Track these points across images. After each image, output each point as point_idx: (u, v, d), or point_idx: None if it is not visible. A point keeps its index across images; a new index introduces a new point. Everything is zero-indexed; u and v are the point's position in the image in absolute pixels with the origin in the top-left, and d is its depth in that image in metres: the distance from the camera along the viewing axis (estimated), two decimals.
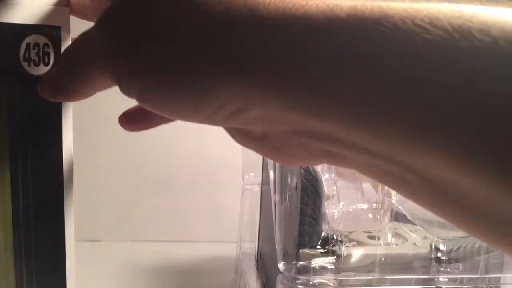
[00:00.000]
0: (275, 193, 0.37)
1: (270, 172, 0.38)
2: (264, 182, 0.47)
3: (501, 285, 0.39)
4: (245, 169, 0.52)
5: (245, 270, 0.52)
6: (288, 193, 0.37)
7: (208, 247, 0.64)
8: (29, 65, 0.30)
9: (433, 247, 0.39)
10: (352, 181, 0.42)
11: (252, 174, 0.51)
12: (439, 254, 0.38)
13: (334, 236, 0.37)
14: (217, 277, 0.58)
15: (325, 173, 0.40)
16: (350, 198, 0.43)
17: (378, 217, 0.41)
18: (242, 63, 0.17)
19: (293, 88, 0.16)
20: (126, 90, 0.20)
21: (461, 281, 0.38)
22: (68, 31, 0.30)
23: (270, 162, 0.38)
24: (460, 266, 0.38)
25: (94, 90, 0.23)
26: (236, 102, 0.18)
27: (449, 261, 0.38)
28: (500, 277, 0.39)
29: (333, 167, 0.40)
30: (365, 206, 0.43)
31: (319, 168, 0.39)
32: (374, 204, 0.42)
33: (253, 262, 0.52)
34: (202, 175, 0.66)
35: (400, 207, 0.43)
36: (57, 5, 0.30)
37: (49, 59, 0.30)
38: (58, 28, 0.30)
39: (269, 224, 0.39)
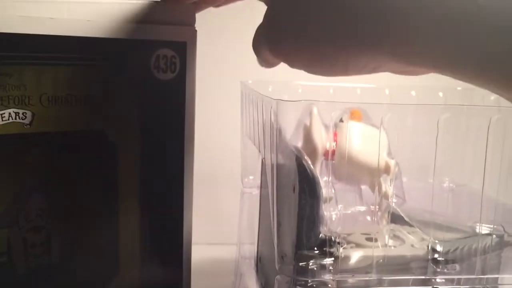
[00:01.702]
0: (272, 196, 0.38)
1: (268, 174, 0.39)
2: (263, 185, 0.47)
3: (499, 286, 0.39)
4: (244, 172, 0.52)
5: (244, 273, 0.52)
6: (286, 195, 0.37)
7: (207, 249, 0.64)
8: (158, 72, 0.37)
9: (430, 248, 0.39)
10: (350, 184, 0.42)
11: (251, 177, 0.52)
12: (436, 255, 0.39)
13: (332, 238, 0.37)
14: (216, 279, 0.58)
15: (323, 176, 0.40)
16: (348, 200, 0.43)
17: (376, 219, 0.41)
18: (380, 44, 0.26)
19: (404, 56, 0.26)
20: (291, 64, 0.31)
21: (458, 282, 0.38)
22: (193, 45, 0.38)
23: (268, 165, 0.39)
24: (457, 267, 0.38)
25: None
26: (372, 65, 0.28)
27: (446, 262, 0.38)
28: (497, 278, 0.39)
29: (331, 170, 0.40)
30: (363, 208, 0.43)
31: (317, 170, 0.39)
32: (372, 206, 0.42)
33: (253, 265, 0.52)
34: (201, 178, 0.66)
35: (397, 209, 0.43)
36: (184, 24, 0.37)
37: (175, 67, 0.37)
38: (184, 43, 0.37)
39: (268, 227, 0.40)
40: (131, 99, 0.37)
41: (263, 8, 0.32)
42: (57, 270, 0.37)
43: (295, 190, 0.36)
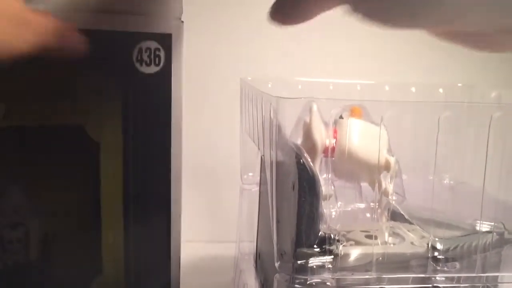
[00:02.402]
0: (272, 193, 0.38)
1: (267, 172, 0.38)
2: (263, 182, 0.47)
3: (499, 284, 0.39)
4: (243, 169, 0.52)
5: (243, 270, 0.52)
6: (285, 192, 0.37)
7: (206, 246, 0.64)
8: (141, 65, 0.36)
9: (430, 246, 0.39)
10: (349, 181, 0.42)
11: (250, 174, 0.52)
12: (436, 253, 0.39)
13: (332, 236, 0.37)
14: (216, 276, 0.58)
15: (323, 173, 0.40)
16: (348, 197, 0.43)
17: (376, 216, 0.41)
18: None
19: None
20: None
21: (458, 280, 0.38)
22: (179, 38, 0.36)
23: (267, 162, 0.39)
24: (457, 265, 0.38)
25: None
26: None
27: (446, 260, 0.38)
28: (497, 276, 0.39)
29: (330, 167, 0.40)
30: (362, 205, 0.43)
31: (317, 168, 0.39)
32: (372, 204, 0.42)
33: (252, 262, 0.52)
34: (200, 175, 0.66)
35: (397, 206, 0.43)
36: (169, 15, 0.36)
37: (159, 60, 0.36)
38: (169, 35, 0.36)
39: (268, 224, 0.40)
40: (112, 93, 0.36)
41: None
42: (36, 267, 0.36)
43: (294, 187, 0.36)
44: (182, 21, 0.36)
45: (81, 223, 0.37)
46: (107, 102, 0.36)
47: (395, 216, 0.42)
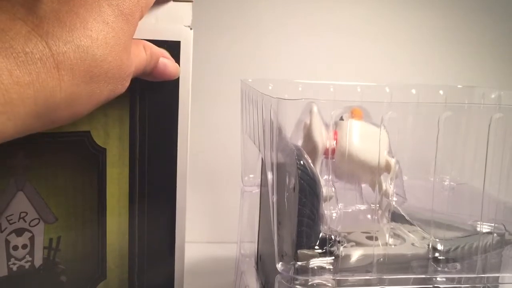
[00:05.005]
0: (273, 194, 0.38)
1: (268, 173, 0.39)
2: (263, 183, 0.47)
3: (499, 285, 0.39)
4: (244, 170, 0.52)
5: (244, 271, 0.52)
6: (286, 194, 0.37)
7: (208, 247, 0.64)
8: None
9: (430, 247, 0.39)
10: (350, 182, 0.42)
11: (251, 175, 0.52)
12: (437, 254, 0.39)
13: (333, 237, 0.37)
14: (217, 278, 0.58)
15: (324, 174, 0.40)
16: (349, 199, 0.43)
17: (376, 217, 0.41)
18: None
19: None
20: None
21: (459, 281, 0.38)
22: (188, 45, 0.36)
23: (268, 163, 0.39)
24: (458, 265, 0.38)
25: None
26: None
27: (447, 261, 0.38)
28: (498, 277, 0.39)
29: (331, 168, 0.40)
30: (363, 206, 0.43)
31: (317, 169, 0.39)
32: (373, 205, 0.42)
33: (253, 263, 0.52)
34: (202, 177, 0.66)
35: (398, 207, 0.43)
36: (178, 23, 0.36)
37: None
38: (178, 43, 0.36)
39: (268, 225, 0.40)
40: (121, 99, 0.35)
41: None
42: (41, 273, 0.36)
43: (295, 188, 0.36)
44: (191, 29, 0.36)
45: (86, 228, 0.37)
46: (115, 109, 0.36)
47: (395, 217, 0.42)
